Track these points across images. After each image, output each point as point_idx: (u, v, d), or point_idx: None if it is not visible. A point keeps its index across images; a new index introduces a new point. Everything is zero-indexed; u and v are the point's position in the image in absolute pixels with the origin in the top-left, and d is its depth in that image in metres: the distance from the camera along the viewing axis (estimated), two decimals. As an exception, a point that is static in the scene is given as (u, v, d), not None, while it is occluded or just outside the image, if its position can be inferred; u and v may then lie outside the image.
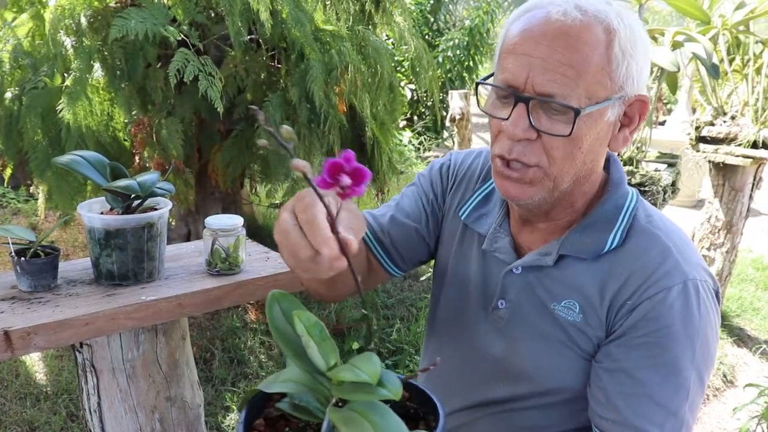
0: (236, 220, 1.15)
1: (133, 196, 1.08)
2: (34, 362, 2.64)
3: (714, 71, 2.39)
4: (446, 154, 1.14)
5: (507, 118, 0.83)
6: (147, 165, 2.36)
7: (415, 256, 1.09)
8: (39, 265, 1.05)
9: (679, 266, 0.85)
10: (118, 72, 2.26)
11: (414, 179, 1.13)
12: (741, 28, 2.63)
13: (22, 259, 1.04)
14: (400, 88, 5.63)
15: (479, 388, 0.99)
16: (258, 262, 1.23)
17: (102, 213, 1.11)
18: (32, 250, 1.06)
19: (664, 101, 7.05)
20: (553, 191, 0.87)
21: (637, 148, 2.73)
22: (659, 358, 0.83)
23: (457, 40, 6.56)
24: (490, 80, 0.88)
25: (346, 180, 0.59)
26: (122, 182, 1.04)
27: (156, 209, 1.12)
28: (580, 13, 0.80)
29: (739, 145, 2.64)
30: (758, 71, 2.62)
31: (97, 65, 2.22)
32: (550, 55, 0.79)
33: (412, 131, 6.28)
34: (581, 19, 0.79)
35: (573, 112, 0.79)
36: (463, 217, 1.04)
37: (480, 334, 0.99)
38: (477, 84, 0.93)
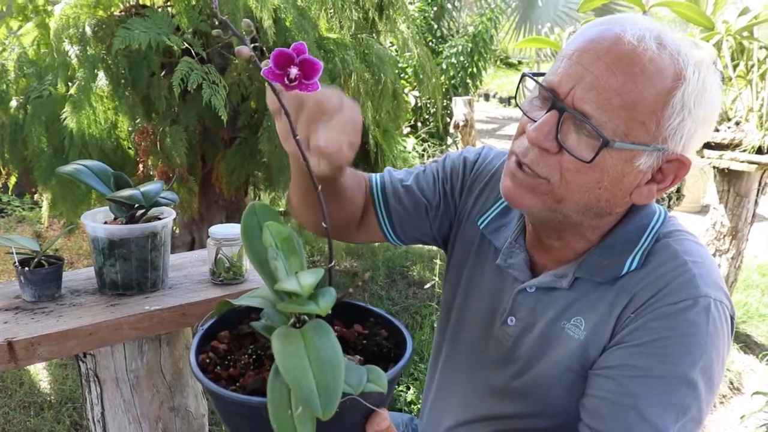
0: (239, 230, 1.15)
1: (137, 205, 1.08)
2: (38, 371, 2.64)
3: (718, 77, 2.38)
4: (481, 146, 1.10)
5: (536, 121, 0.79)
6: (151, 173, 2.36)
7: (417, 232, 1.07)
8: (42, 275, 1.05)
9: (694, 281, 0.80)
10: (122, 81, 2.26)
11: (442, 156, 1.10)
12: (745, 33, 2.63)
13: (26, 269, 1.04)
14: (404, 95, 5.63)
15: (486, 401, 0.98)
16: (262, 271, 1.22)
17: (106, 222, 1.11)
18: (36, 259, 1.06)
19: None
20: (555, 212, 0.83)
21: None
22: (653, 371, 0.78)
23: (460, 47, 6.55)
24: (539, 78, 0.82)
25: (293, 71, 0.57)
26: (126, 192, 1.04)
27: (160, 219, 1.12)
28: (656, 45, 0.74)
29: (744, 150, 2.63)
30: (762, 77, 2.62)
31: (101, 74, 2.23)
32: (603, 76, 0.74)
33: (416, 138, 6.28)
34: (654, 52, 0.74)
35: (601, 141, 0.75)
36: (482, 227, 1.01)
37: (488, 348, 0.98)
38: (523, 75, 0.87)
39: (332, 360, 0.55)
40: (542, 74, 0.83)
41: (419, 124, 6.57)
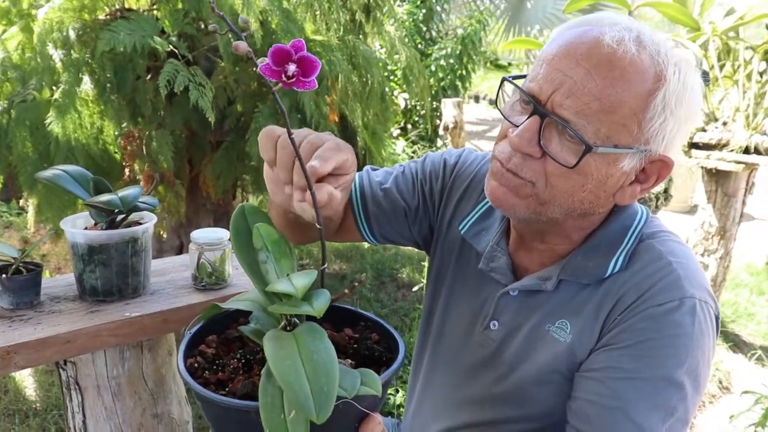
0: (222, 234, 1.14)
1: (117, 210, 1.06)
2: (24, 378, 2.61)
3: (703, 78, 2.40)
4: (462, 148, 1.10)
5: (518, 126, 0.78)
6: (137, 177, 2.35)
7: (396, 235, 1.06)
8: (20, 282, 1.03)
9: (679, 283, 0.80)
10: (107, 84, 2.24)
11: (422, 156, 1.09)
12: (731, 34, 2.64)
13: (3, 276, 1.03)
14: (393, 98, 5.63)
15: (469, 407, 0.97)
16: (244, 275, 1.21)
17: (86, 228, 1.09)
18: (14, 266, 1.05)
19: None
20: (539, 215, 0.82)
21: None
22: (640, 373, 0.78)
23: (449, 49, 6.56)
24: (519, 82, 0.81)
25: (291, 68, 0.57)
26: (104, 197, 1.03)
27: (140, 223, 1.11)
28: (636, 47, 0.73)
29: (731, 150, 2.64)
30: (749, 77, 2.63)
31: (86, 78, 2.21)
32: (583, 80, 0.73)
33: (406, 140, 6.28)
34: (634, 54, 0.73)
35: (584, 147, 0.74)
36: (462, 231, 1.00)
37: (470, 354, 0.97)
38: (504, 80, 0.85)
39: (326, 363, 0.55)
40: (523, 76, 0.82)
41: (409, 126, 6.57)
